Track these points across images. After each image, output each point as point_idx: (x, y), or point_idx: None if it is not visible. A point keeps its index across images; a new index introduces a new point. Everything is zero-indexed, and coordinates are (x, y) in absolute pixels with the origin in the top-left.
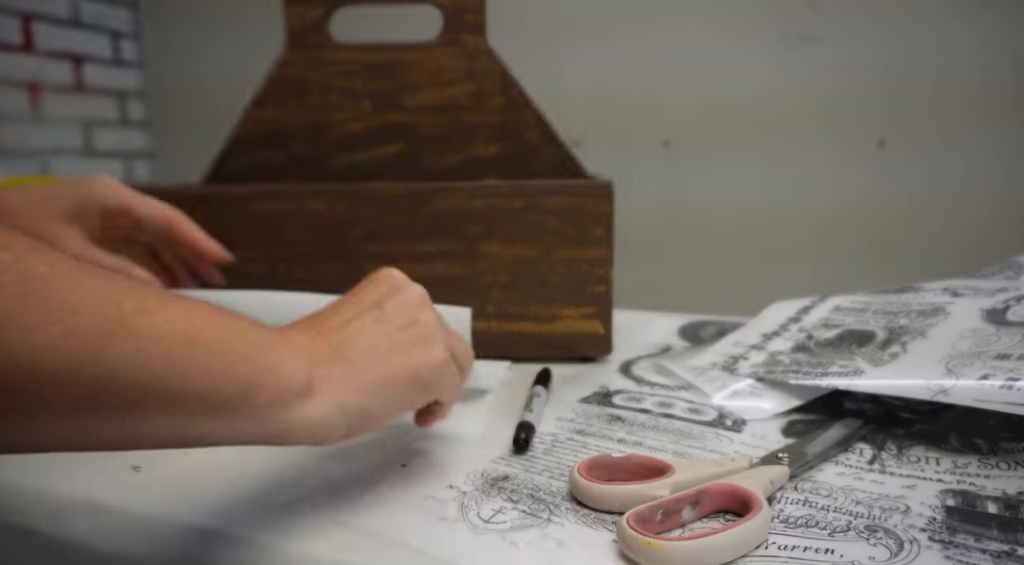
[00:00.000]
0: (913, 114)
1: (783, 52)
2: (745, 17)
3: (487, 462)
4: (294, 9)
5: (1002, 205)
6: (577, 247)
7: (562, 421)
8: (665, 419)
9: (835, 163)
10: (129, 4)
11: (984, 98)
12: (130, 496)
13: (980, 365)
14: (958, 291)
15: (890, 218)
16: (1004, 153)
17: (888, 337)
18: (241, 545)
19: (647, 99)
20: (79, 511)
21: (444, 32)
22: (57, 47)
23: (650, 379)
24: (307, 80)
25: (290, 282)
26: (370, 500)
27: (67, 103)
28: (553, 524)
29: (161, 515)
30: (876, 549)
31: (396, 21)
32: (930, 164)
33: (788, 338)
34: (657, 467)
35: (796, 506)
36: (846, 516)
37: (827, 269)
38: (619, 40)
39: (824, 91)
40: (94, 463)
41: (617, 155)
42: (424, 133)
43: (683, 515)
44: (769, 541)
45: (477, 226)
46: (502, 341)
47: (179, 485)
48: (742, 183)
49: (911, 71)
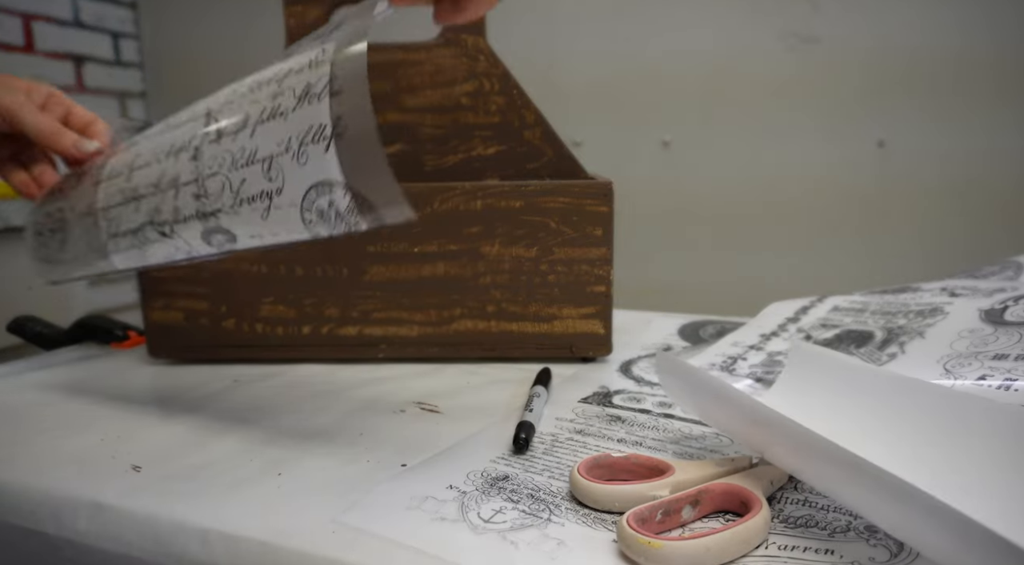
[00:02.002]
0: (913, 114)
1: (783, 52)
2: (745, 17)
3: (487, 462)
4: (293, 9)
5: (1003, 204)
6: (577, 247)
7: (562, 421)
8: (665, 419)
9: (835, 163)
10: (129, 4)
11: (985, 97)
12: (130, 496)
13: (978, 365)
14: (956, 291)
15: (891, 218)
16: (1005, 152)
17: (886, 337)
18: (241, 545)
19: (647, 99)
20: (80, 511)
21: (444, 32)
22: (57, 47)
23: (650, 379)
24: None
25: (291, 281)
26: (370, 500)
27: None
28: (553, 524)
29: (161, 515)
30: (876, 549)
31: (396, 21)
32: (931, 164)
33: (787, 338)
34: (657, 467)
35: (796, 506)
36: (846, 516)
37: (827, 269)
38: (619, 40)
39: (824, 91)
40: (95, 463)
41: (617, 155)
42: (424, 133)
43: (683, 515)
44: (769, 541)
45: (477, 226)
46: (502, 341)
47: (179, 485)
48: (742, 183)
49: (911, 71)
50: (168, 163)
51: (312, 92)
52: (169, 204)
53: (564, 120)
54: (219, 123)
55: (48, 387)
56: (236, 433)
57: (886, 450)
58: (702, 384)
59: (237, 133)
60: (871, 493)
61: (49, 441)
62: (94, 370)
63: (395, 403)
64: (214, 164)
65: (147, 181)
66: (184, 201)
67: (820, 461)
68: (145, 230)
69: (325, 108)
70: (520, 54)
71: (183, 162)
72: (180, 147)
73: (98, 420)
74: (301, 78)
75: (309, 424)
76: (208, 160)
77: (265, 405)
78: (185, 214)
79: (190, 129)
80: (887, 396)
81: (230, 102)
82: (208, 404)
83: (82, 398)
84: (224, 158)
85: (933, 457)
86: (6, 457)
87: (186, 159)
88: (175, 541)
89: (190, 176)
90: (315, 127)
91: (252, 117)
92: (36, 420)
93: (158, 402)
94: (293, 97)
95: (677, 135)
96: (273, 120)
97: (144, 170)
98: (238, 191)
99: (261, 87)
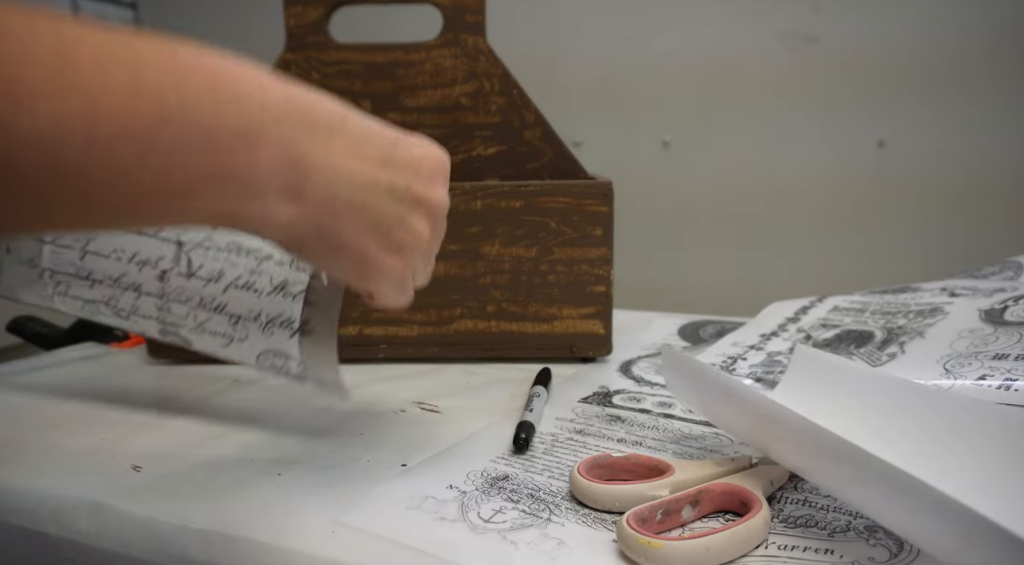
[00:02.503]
0: (913, 114)
1: (783, 52)
2: (745, 17)
3: (487, 462)
4: (294, 9)
5: (1003, 204)
6: (577, 247)
7: (562, 421)
8: (665, 419)
9: (835, 163)
10: (129, 4)
11: (985, 97)
12: (130, 496)
13: (978, 365)
14: (956, 291)
15: (891, 218)
16: (1006, 152)
17: (886, 337)
18: (241, 545)
19: (647, 99)
20: (81, 511)
21: (444, 32)
22: None
23: (650, 379)
24: (307, 80)
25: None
26: (370, 500)
27: None
28: (553, 524)
29: (161, 515)
30: (876, 550)
31: (396, 21)
32: (931, 164)
33: (787, 338)
34: (657, 467)
35: (796, 506)
36: (846, 516)
37: (827, 269)
38: (619, 40)
39: (824, 91)
40: (95, 463)
41: (617, 155)
42: (424, 133)
43: (683, 515)
44: (769, 541)
45: (477, 226)
46: (502, 341)
47: (179, 485)
48: (742, 183)
49: (912, 71)
50: (131, 267)
51: (288, 290)
52: (128, 300)
53: (564, 120)
54: (191, 262)
55: (48, 387)
56: (236, 433)
57: (890, 452)
58: (708, 379)
59: (209, 281)
60: (878, 489)
61: (49, 441)
62: (94, 370)
63: (395, 403)
64: (182, 295)
65: (105, 272)
66: (145, 303)
67: (826, 457)
68: (98, 305)
69: (298, 308)
70: (520, 54)
71: (148, 276)
72: (145, 261)
73: (98, 420)
74: (281, 271)
75: (309, 424)
76: (175, 288)
77: (265, 405)
78: (144, 313)
79: (157, 248)
80: (890, 400)
81: (204, 246)
82: (208, 404)
83: (82, 398)
84: (192, 295)
85: (936, 460)
86: (6, 457)
87: (151, 275)
88: (175, 541)
89: (154, 290)
90: (284, 317)
91: (227, 276)
92: (36, 420)
93: (158, 402)
94: (270, 283)
95: (677, 135)
96: (247, 290)
97: (102, 260)
98: (202, 323)
99: (240, 252)
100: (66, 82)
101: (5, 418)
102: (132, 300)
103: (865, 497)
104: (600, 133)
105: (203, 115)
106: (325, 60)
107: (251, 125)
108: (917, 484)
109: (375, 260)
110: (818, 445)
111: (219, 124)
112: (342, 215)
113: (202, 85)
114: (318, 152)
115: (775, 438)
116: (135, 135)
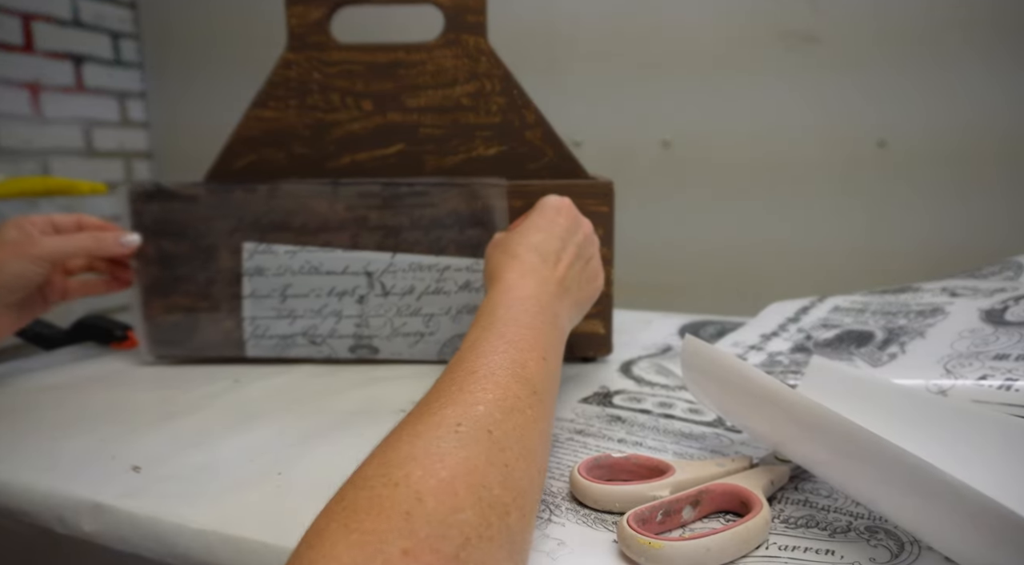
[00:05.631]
0: (914, 113)
1: (783, 52)
2: (745, 16)
3: None
4: (295, 9)
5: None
6: None
7: (562, 421)
8: (665, 419)
9: (836, 162)
10: (129, 4)
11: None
12: (130, 496)
13: (979, 366)
14: (956, 291)
15: (891, 218)
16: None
17: (887, 337)
18: (241, 545)
19: (647, 99)
20: (81, 511)
21: (445, 32)
22: (57, 47)
23: (650, 379)
24: (308, 80)
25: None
26: None
27: (67, 103)
28: (553, 524)
29: (161, 515)
30: (877, 550)
31: (397, 21)
32: (931, 164)
33: (787, 339)
34: (657, 467)
35: (796, 506)
36: (846, 517)
37: (827, 268)
38: (620, 40)
39: (824, 91)
40: (97, 464)
41: (617, 155)
42: (425, 133)
43: (683, 515)
44: (769, 541)
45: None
46: None
47: (179, 485)
48: (742, 183)
49: (912, 70)
50: (330, 299)
51: (472, 286)
52: (328, 326)
53: (564, 120)
54: (384, 285)
55: (48, 387)
56: (236, 433)
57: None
58: (731, 368)
59: (404, 294)
60: (896, 477)
61: (49, 441)
62: (94, 370)
63: (395, 403)
64: (379, 309)
65: (307, 308)
66: (344, 325)
67: (852, 452)
68: (295, 338)
69: (480, 298)
70: (520, 53)
71: (347, 302)
72: (343, 292)
73: (98, 420)
74: (461, 275)
75: (309, 424)
76: (374, 305)
77: (265, 405)
78: (341, 333)
79: (350, 281)
80: (906, 411)
81: (391, 271)
82: (208, 404)
83: (82, 398)
84: (389, 308)
85: (949, 470)
86: (6, 457)
87: (351, 301)
88: (175, 541)
89: (354, 312)
90: (471, 306)
91: (418, 289)
92: (36, 420)
93: (158, 402)
94: (455, 285)
95: (677, 135)
96: (438, 294)
97: (301, 299)
98: (397, 329)
99: (422, 269)
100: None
101: (5, 418)
102: (332, 324)
103: (881, 488)
104: (600, 133)
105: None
106: (327, 60)
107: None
108: (957, 483)
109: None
110: (848, 439)
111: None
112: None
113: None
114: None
115: (800, 435)
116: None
